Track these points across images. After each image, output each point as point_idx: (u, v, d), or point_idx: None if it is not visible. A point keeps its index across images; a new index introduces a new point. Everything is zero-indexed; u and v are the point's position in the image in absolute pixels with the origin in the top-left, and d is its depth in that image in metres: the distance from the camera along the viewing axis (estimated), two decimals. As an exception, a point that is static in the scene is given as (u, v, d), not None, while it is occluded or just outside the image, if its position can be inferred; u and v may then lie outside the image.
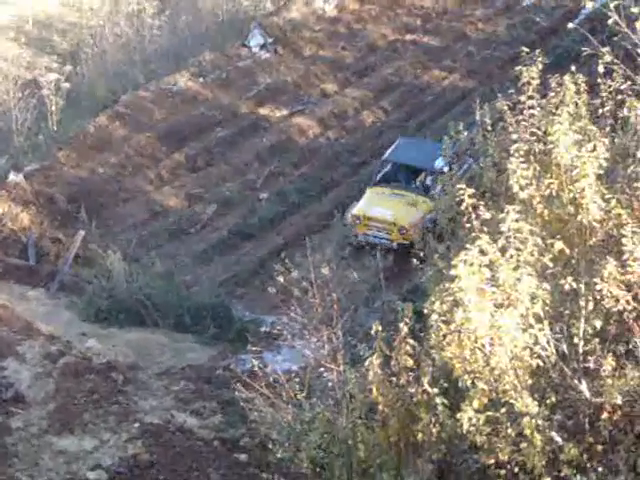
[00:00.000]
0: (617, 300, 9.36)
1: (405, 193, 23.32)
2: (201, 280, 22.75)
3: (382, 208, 22.95)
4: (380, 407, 9.46)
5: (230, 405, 17.21)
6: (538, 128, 11.15)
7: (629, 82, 11.54)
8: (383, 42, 33.89)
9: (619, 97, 11.63)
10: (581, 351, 9.85)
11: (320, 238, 23.29)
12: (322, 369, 10.19)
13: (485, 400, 8.95)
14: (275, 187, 26.62)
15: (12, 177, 24.85)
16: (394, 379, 9.50)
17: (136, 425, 16.34)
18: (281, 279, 11.50)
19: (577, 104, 11.10)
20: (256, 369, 11.17)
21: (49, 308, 21.67)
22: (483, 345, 8.95)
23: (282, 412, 10.13)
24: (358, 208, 23.28)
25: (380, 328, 9.66)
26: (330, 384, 10.13)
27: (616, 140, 11.36)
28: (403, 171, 24.16)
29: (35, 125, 28.28)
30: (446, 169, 22.42)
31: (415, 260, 13.40)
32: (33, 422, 16.29)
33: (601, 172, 9.97)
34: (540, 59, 11.84)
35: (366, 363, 9.61)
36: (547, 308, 9.37)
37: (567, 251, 9.74)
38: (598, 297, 9.55)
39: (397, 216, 22.66)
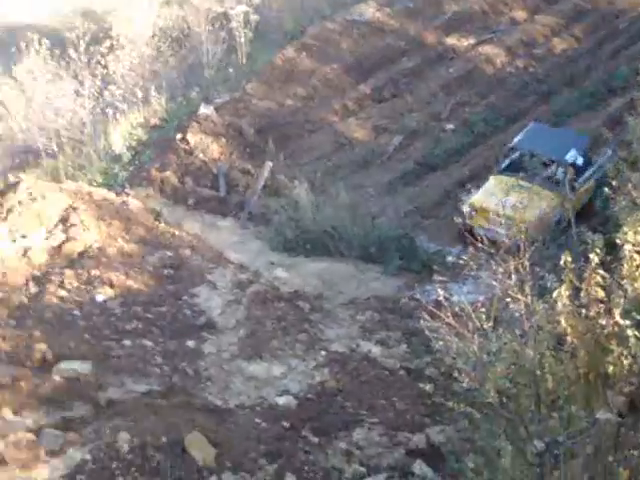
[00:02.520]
0: None
1: (532, 186, 20.76)
2: (386, 211, 22.80)
3: (503, 201, 20.15)
4: (569, 338, 9.29)
5: (415, 335, 17.27)
6: None
7: None
8: (575, -34, 32.77)
9: None
10: None
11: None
12: (509, 300, 10.02)
13: (680, 333, 8.67)
14: (461, 117, 26.31)
15: (203, 109, 25.41)
16: (583, 311, 9.29)
17: (323, 353, 16.57)
18: (467, 209, 11.34)
19: None
20: (441, 299, 11.10)
21: (239, 238, 22.19)
22: (679, 276, 8.65)
23: (468, 342, 10.05)
24: (476, 198, 20.88)
25: (569, 259, 9.43)
26: (517, 315, 9.97)
27: None
28: (532, 161, 21.38)
29: (225, 58, 28.78)
30: (580, 161, 21.17)
31: (607, 190, 13.01)
32: (224, 348, 16.74)
33: None
34: None
35: (554, 294, 9.42)
36: None
37: None
38: None
39: (519, 211, 19.87)
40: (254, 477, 12.20)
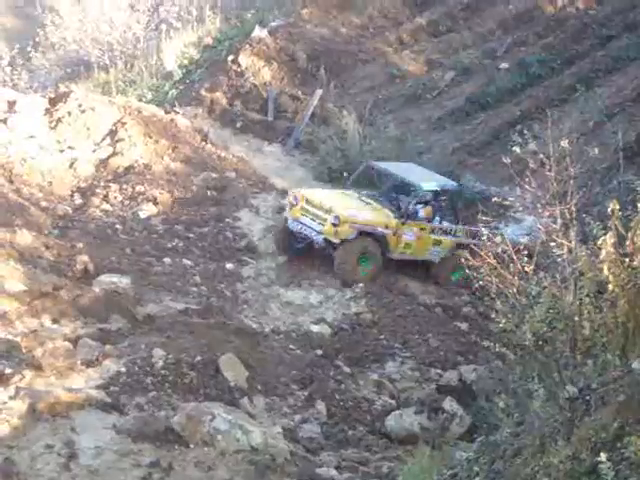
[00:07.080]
0: None
1: (373, 202, 17.94)
2: (433, 147, 22.65)
3: (328, 198, 17.86)
4: (610, 287, 9.18)
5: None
6: None
7: None
8: None
9: None
10: None
11: (559, 112, 22.58)
12: (552, 244, 9.92)
13: None
14: (516, 57, 25.91)
15: (257, 32, 25.24)
16: (627, 260, 9.18)
17: (360, 285, 16.60)
18: (517, 150, 11.19)
19: None
20: (484, 239, 11.03)
21: (283, 164, 22.18)
22: None
23: (508, 284, 9.98)
24: (301, 189, 18.47)
25: (617, 206, 9.31)
26: (559, 260, 9.87)
27: None
28: (382, 180, 19.08)
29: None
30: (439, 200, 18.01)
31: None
32: (263, 272, 16.84)
33: None
34: None
35: (599, 241, 9.32)
36: None
37: None
38: None
39: (337, 205, 17.43)
40: (284, 401, 12.31)
